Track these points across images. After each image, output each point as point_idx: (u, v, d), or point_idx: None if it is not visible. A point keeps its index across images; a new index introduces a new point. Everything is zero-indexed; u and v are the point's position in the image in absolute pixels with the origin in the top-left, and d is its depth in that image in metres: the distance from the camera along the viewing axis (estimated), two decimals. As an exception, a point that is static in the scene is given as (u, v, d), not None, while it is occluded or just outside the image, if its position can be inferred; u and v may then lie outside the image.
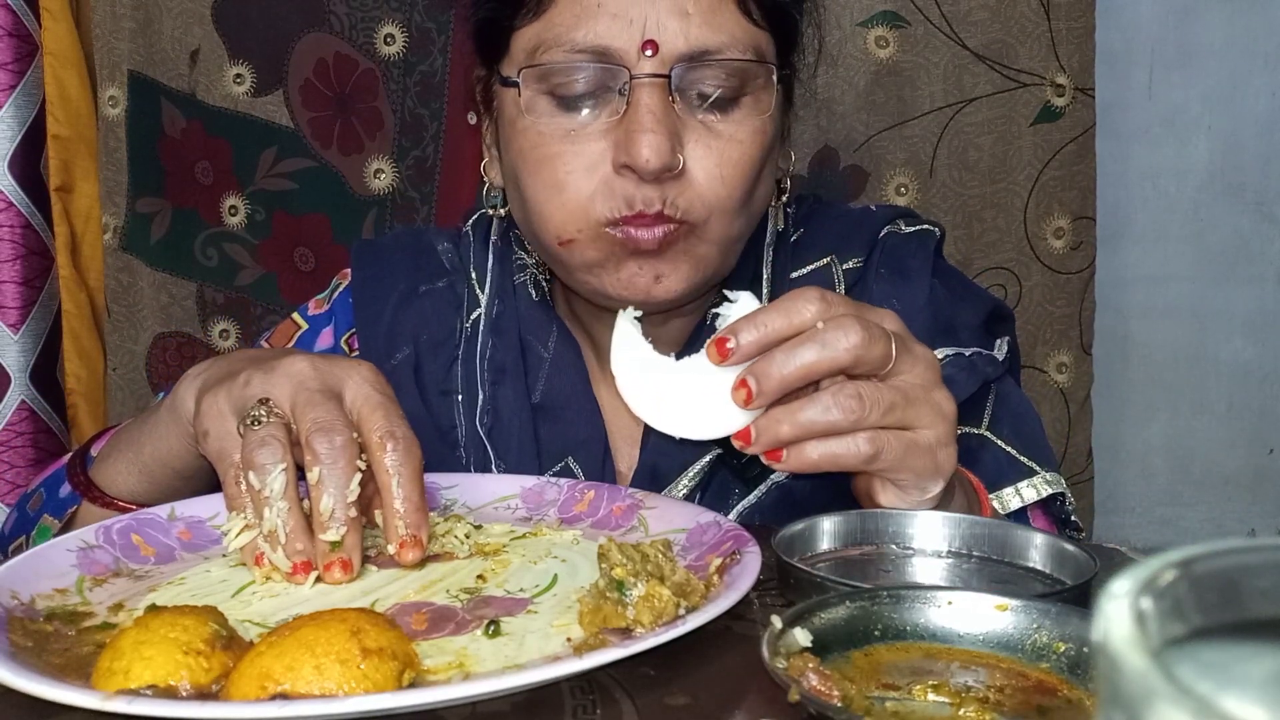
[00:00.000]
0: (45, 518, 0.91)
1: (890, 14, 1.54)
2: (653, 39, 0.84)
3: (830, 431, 0.69)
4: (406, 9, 1.56)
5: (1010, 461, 0.93)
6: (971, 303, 1.00)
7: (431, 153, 1.59)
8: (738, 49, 0.87)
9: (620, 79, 0.85)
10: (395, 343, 1.02)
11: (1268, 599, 0.26)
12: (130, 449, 0.86)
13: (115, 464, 0.87)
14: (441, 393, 1.01)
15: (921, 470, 0.72)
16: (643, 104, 0.84)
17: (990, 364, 0.95)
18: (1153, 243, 1.73)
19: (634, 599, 0.58)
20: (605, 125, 0.86)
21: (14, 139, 1.55)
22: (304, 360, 0.73)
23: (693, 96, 0.87)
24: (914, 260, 0.99)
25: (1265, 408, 1.76)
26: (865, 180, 1.58)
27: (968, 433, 0.94)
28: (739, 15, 0.87)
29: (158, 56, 1.59)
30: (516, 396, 0.98)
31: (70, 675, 0.55)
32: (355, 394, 0.71)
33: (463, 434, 0.99)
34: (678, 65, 0.85)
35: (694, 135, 0.87)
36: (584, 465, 0.97)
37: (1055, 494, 0.93)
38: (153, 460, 0.84)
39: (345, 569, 0.67)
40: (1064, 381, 1.62)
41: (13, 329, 1.56)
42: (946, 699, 0.52)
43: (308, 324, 1.08)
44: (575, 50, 0.86)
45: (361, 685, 0.51)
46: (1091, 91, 1.55)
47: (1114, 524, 1.77)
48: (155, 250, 1.63)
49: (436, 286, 1.05)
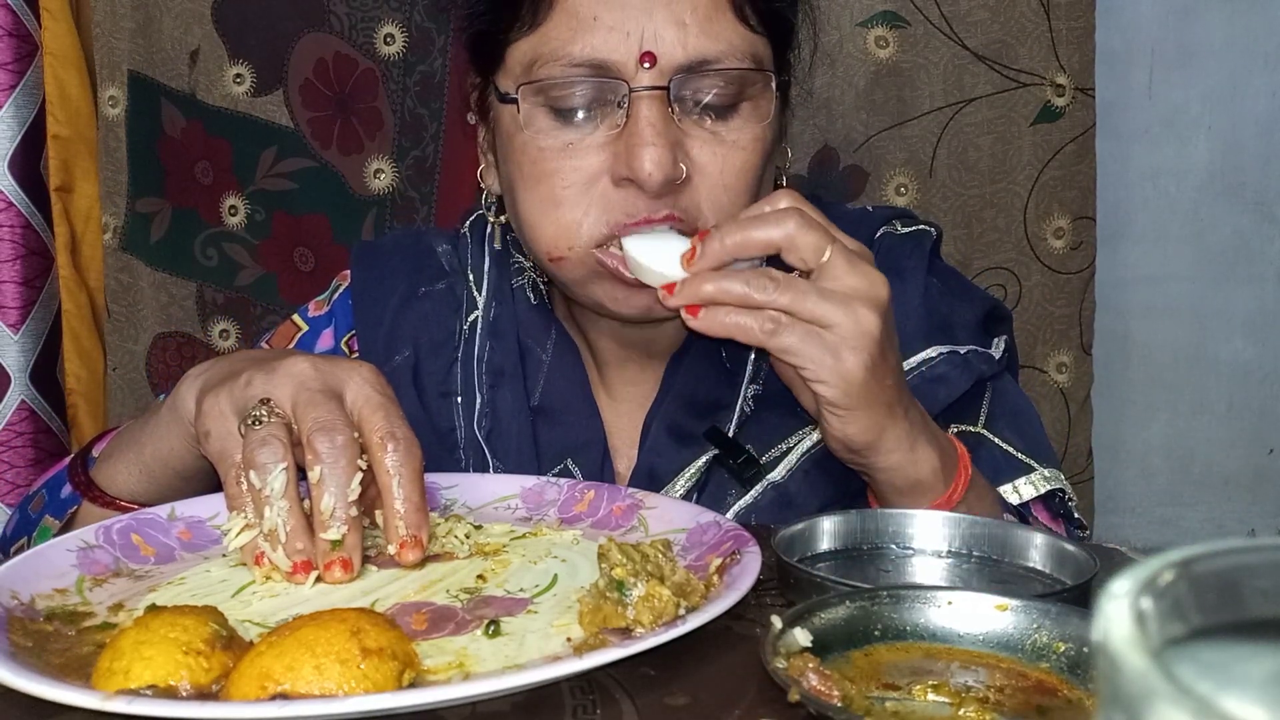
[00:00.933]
0: (46, 518, 0.91)
1: (890, 14, 1.54)
2: (650, 50, 0.84)
3: (743, 304, 0.75)
4: (406, 9, 1.56)
5: (1007, 459, 0.93)
6: (968, 302, 1.00)
7: (431, 153, 1.59)
8: (735, 57, 0.86)
9: (619, 92, 0.85)
10: (395, 344, 1.02)
11: (1268, 599, 0.26)
12: (131, 449, 0.86)
13: (116, 464, 0.87)
14: (441, 394, 1.01)
15: (821, 363, 0.75)
16: (643, 117, 0.84)
17: (986, 361, 0.95)
18: (1153, 243, 1.73)
19: (634, 599, 0.58)
20: (604, 138, 0.86)
21: (14, 139, 1.55)
22: (305, 361, 0.73)
23: (692, 105, 0.86)
24: (909, 260, 0.99)
25: (1265, 408, 1.76)
26: (865, 180, 1.58)
27: (964, 431, 0.94)
28: (736, 22, 0.87)
29: (158, 56, 1.59)
30: (515, 399, 0.98)
31: (70, 675, 0.55)
32: (356, 394, 0.71)
33: (461, 436, 0.99)
34: (676, 76, 0.85)
35: (696, 143, 0.86)
36: (583, 467, 0.97)
37: (1055, 490, 0.93)
38: (154, 460, 0.84)
39: (345, 568, 0.67)
40: (1064, 381, 1.62)
41: (13, 329, 1.56)
42: (946, 699, 0.52)
43: (308, 325, 1.08)
44: (572, 64, 0.85)
45: (361, 685, 0.51)
46: (1091, 91, 1.55)
47: (1114, 524, 1.77)
48: (155, 250, 1.63)
49: (436, 288, 1.05)
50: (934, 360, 0.94)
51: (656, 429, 0.95)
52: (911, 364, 0.93)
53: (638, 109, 0.84)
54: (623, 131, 0.85)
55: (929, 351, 0.94)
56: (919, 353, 0.94)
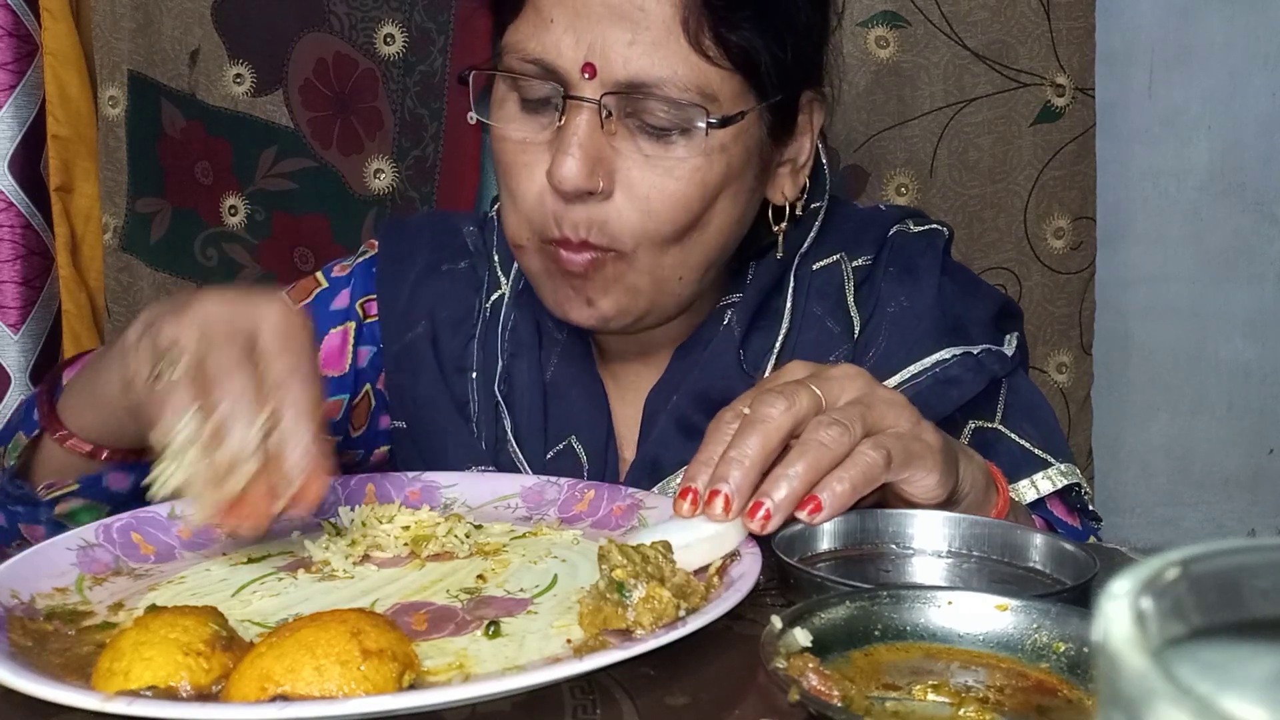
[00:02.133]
0: (19, 435, 0.92)
1: (890, 14, 1.54)
2: (592, 62, 0.84)
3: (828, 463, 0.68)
4: (406, 9, 1.56)
5: (1024, 454, 0.94)
6: (981, 300, 1.00)
7: (431, 153, 1.59)
8: (678, 86, 0.84)
9: (559, 96, 0.85)
10: (413, 317, 1.04)
11: (1268, 599, 0.26)
12: (88, 385, 0.86)
13: (76, 397, 0.87)
14: (457, 370, 1.03)
15: (923, 456, 0.71)
16: (570, 124, 0.84)
17: (999, 360, 0.95)
18: (1153, 243, 1.73)
19: (634, 601, 0.58)
20: (549, 137, 0.87)
21: (14, 139, 1.55)
22: (214, 302, 0.70)
23: (631, 124, 0.86)
24: (923, 259, 0.99)
25: (1265, 408, 1.76)
26: (865, 180, 1.58)
27: (981, 428, 0.94)
28: (689, 51, 0.84)
29: (158, 56, 1.59)
30: (531, 371, 1.00)
31: (70, 675, 0.55)
32: (267, 335, 0.69)
33: (475, 409, 1.01)
34: (611, 94, 0.84)
35: (627, 162, 0.86)
36: (587, 446, 0.98)
37: (1071, 484, 0.93)
38: (104, 396, 0.83)
39: (251, 519, 0.65)
40: (1064, 381, 1.62)
41: (13, 329, 1.56)
42: (947, 699, 0.52)
43: (328, 283, 1.09)
44: (526, 59, 0.86)
45: (361, 687, 0.51)
46: (1091, 91, 1.55)
47: (1114, 524, 1.77)
48: (155, 250, 1.63)
49: (458, 267, 1.06)
50: (948, 362, 0.94)
51: (665, 421, 0.96)
52: (925, 365, 0.93)
53: (570, 116, 0.85)
54: (557, 134, 0.86)
55: (942, 353, 0.94)
56: (932, 354, 0.94)
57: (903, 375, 0.94)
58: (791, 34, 0.89)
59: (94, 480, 0.88)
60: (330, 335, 1.05)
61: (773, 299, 0.99)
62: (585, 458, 0.98)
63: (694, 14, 0.83)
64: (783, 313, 0.98)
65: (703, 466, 0.69)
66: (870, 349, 0.96)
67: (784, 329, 0.97)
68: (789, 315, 0.98)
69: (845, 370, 0.74)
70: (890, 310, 0.97)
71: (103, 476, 0.88)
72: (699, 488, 0.68)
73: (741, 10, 0.85)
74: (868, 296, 0.98)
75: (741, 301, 0.98)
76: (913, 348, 0.95)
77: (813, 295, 0.99)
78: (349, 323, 1.06)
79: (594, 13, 0.83)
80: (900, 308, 0.97)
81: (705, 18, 0.84)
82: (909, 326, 0.96)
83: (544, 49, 0.85)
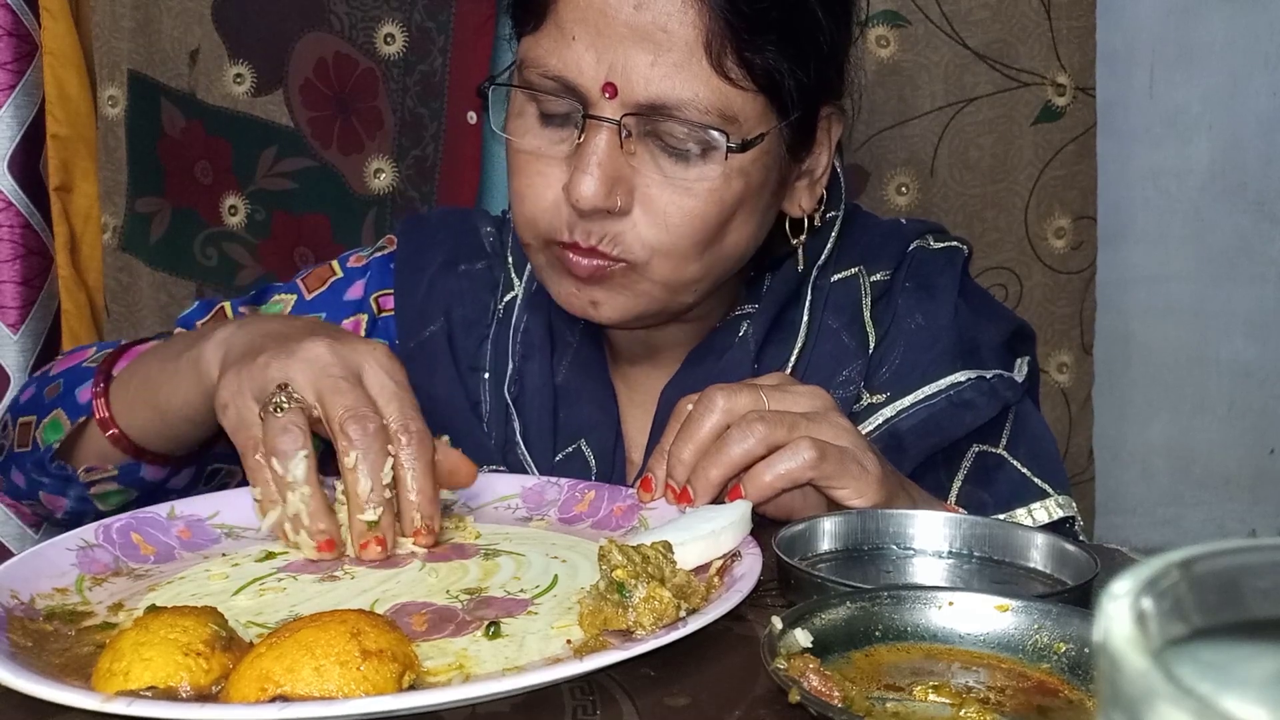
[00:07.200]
0: (59, 413, 0.94)
1: (890, 13, 1.53)
2: (613, 82, 0.84)
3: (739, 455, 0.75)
4: (406, 9, 1.56)
5: (1025, 483, 0.94)
6: (995, 322, 1.01)
7: (431, 153, 1.59)
8: (699, 108, 0.84)
9: (580, 113, 0.86)
10: (428, 315, 1.05)
11: (1268, 599, 0.26)
12: (146, 388, 0.89)
13: (132, 398, 0.91)
14: (470, 369, 1.03)
15: (857, 477, 0.75)
16: (590, 143, 0.85)
17: (1010, 387, 0.96)
18: (1153, 242, 1.73)
19: (635, 601, 0.58)
20: (567, 150, 0.87)
21: (13, 139, 1.54)
22: (322, 344, 0.75)
23: (651, 143, 0.86)
24: (942, 278, 0.99)
25: (1266, 408, 1.76)
26: (865, 180, 1.58)
27: (985, 452, 0.95)
28: (711, 73, 0.84)
29: (157, 56, 1.59)
30: (541, 373, 1.00)
31: (70, 676, 0.55)
32: (373, 381, 0.75)
33: (487, 409, 1.02)
34: (631, 115, 0.84)
35: (646, 181, 0.86)
36: (595, 449, 0.98)
37: (1067, 517, 0.94)
38: (167, 405, 0.87)
39: (381, 545, 0.72)
40: (1065, 381, 1.62)
41: (12, 329, 1.56)
42: (947, 700, 0.52)
43: (343, 273, 1.09)
44: (547, 75, 0.86)
45: (361, 687, 0.51)
46: (1092, 91, 1.55)
47: (1115, 524, 1.77)
48: (155, 250, 1.62)
49: (475, 267, 1.07)
50: (962, 385, 0.94)
51: None
52: (941, 386, 0.94)
53: (589, 134, 0.85)
54: (576, 150, 0.86)
55: (958, 375, 0.94)
56: (946, 375, 0.94)
57: (917, 395, 0.94)
58: (815, 54, 0.89)
59: (133, 468, 0.93)
60: (342, 325, 1.05)
61: (789, 311, 0.99)
62: (594, 461, 0.98)
63: (717, 36, 0.83)
64: (799, 326, 0.98)
65: (659, 456, 0.79)
66: (884, 365, 0.96)
67: (799, 343, 0.98)
68: (805, 329, 0.98)
69: (810, 389, 0.80)
70: (906, 327, 0.97)
71: (141, 466, 0.93)
72: (656, 477, 0.79)
73: (766, 33, 0.84)
74: (884, 311, 0.98)
75: (758, 313, 0.98)
76: (927, 367, 0.95)
77: (829, 308, 0.99)
78: (361, 314, 1.06)
79: (617, 32, 0.83)
80: (917, 325, 0.97)
81: (729, 40, 0.83)
82: (924, 345, 0.96)
83: (565, 66, 0.85)
